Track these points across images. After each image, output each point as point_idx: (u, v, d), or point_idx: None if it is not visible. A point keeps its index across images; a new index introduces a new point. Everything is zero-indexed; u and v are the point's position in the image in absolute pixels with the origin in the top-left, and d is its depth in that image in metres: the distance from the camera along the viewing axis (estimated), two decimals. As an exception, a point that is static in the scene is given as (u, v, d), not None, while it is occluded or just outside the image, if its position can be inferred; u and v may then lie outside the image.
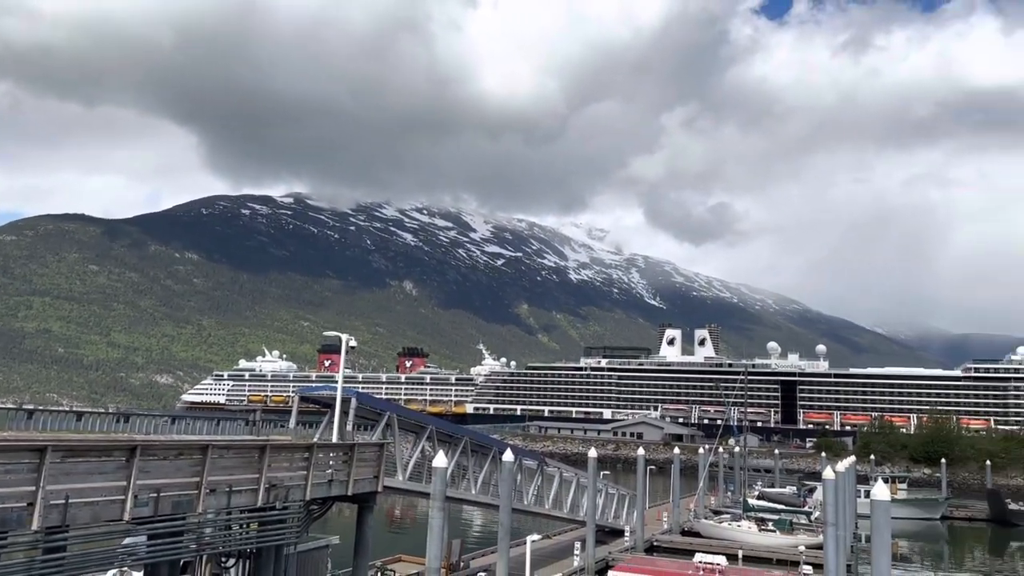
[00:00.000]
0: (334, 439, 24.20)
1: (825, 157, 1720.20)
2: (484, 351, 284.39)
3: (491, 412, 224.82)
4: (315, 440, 22.17)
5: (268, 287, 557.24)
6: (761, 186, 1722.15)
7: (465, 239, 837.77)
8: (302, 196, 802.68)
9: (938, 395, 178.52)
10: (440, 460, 26.10)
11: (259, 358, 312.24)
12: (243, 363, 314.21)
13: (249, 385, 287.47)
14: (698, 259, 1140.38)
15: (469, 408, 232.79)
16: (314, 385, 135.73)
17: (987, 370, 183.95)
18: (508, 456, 31.93)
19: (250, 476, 17.83)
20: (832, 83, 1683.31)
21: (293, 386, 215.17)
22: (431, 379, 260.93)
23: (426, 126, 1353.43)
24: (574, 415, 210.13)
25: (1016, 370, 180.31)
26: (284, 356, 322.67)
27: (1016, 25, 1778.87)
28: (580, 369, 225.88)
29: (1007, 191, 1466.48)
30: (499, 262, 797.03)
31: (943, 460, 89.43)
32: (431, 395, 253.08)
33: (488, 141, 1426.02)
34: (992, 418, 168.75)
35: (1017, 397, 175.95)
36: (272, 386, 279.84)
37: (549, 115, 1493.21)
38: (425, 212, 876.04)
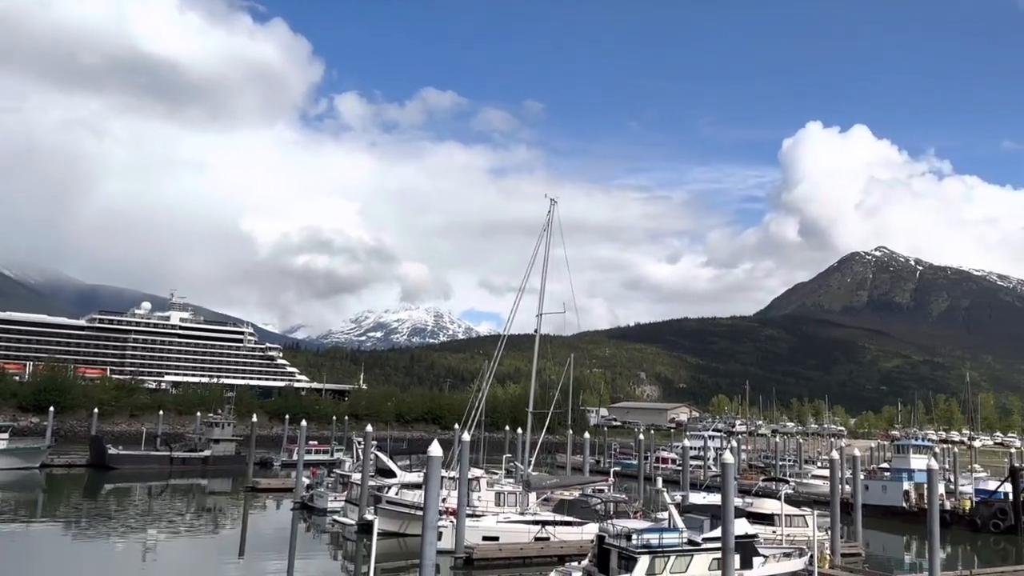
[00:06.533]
0: None
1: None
2: None
3: None
4: None
5: None
6: None
7: None
8: None
9: (60, 343, 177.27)
10: None
11: None
12: None
13: None
14: None
15: None
16: None
17: (111, 321, 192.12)
18: None
19: None
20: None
21: None
22: None
23: None
24: None
25: (137, 323, 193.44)
26: None
27: (189, 7, 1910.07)
28: None
29: (157, 156, 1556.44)
30: None
31: (51, 408, 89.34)
32: None
33: None
34: (110, 367, 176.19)
35: (135, 347, 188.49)
36: None
37: None
38: None
